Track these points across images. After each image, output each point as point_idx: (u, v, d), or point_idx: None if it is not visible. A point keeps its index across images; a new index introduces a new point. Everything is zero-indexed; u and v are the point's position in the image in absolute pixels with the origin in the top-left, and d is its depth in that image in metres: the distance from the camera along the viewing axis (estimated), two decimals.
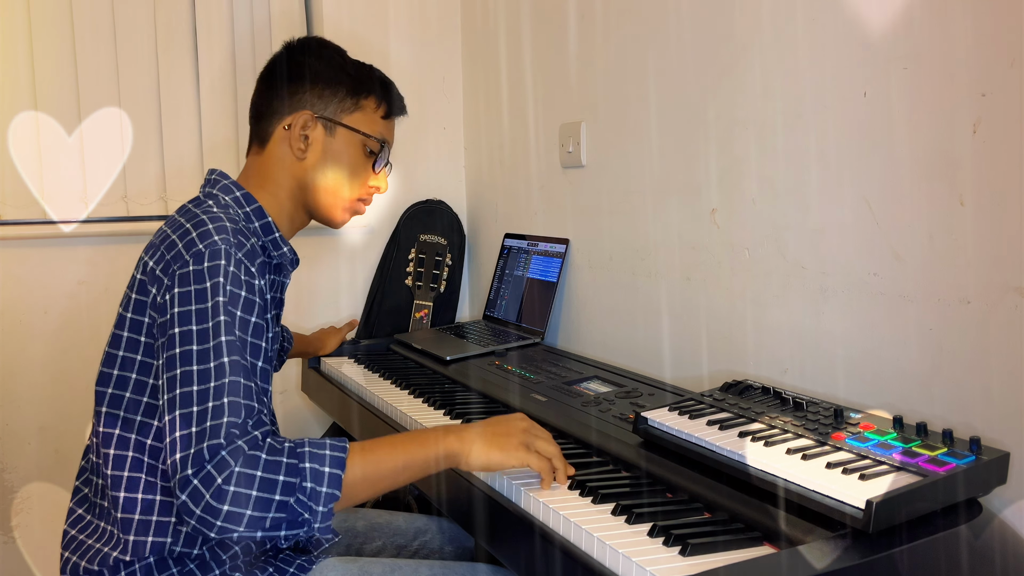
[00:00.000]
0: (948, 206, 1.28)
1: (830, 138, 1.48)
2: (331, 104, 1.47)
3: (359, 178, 1.52)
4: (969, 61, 1.24)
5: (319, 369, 2.28)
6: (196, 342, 1.18)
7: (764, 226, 1.63)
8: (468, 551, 1.72)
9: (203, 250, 1.23)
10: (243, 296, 1.23)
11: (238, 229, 1.30)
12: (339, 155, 1.49)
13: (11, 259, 2.30)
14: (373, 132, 1.51)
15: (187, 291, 1.21)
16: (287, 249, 1.46)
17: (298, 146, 1.45)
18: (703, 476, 1.24)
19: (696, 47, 1.77)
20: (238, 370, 1.18)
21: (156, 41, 2.45)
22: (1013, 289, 1.19)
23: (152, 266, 1.27)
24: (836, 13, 1.44)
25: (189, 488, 1.09)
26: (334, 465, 1.17)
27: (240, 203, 1.41)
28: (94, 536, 1.31)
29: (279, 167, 1.46)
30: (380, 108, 1.53)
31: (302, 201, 1.50)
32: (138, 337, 1.29)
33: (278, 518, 1.12)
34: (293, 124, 1.45)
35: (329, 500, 1.15)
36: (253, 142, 1.50)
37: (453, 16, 2.80)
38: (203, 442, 1.12)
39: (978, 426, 1.25)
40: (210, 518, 1.09)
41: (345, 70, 1.50)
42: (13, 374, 2.32)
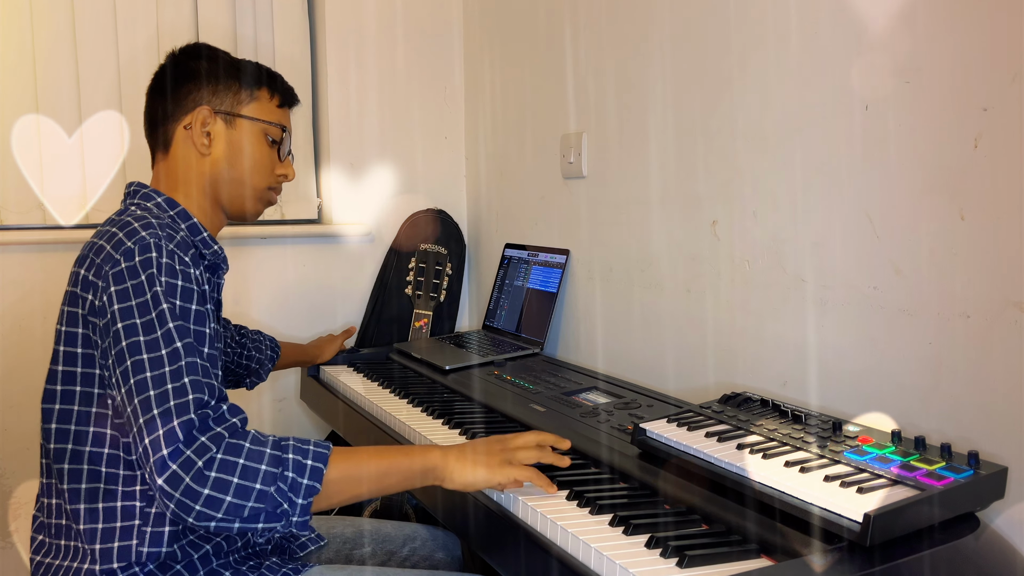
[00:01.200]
0: (949, 220, 1.28)
1: (831, 151, 1.48)
2: (227, 98, 1.48)
3: (266, 167, 1.53)
4: (971, 75, 1.24)
5: (318, 378, 2.28)
6: (143, 333, 1.18)
7: (765, 238, 1.63)
8: (458, 559, 1.72)
9: (132, 246, 1.24)
10: (180, 285, 1.24)
11: (165, 223, 1.31)
12: (243, 145, 1.50)
13: (11, 264, 2.31)
14: (272, 119, 1.53)
15: (123, 288, 1.21)
16: (218, 247, 1.47)
17: (201, 142, 1.46)
18: (701, 488, 1.24)
19: (698, 59, 1.78)
20: (192, 352, 1.20)
21: (159, 45, 2.46)
22: (1013, 304, 1.19)
23: (84, 274, 1.28)
24: (838, 26, 1.45)
25: (167, 472, 1.10)
26: (316, 459, 1.18)
27: (163, 207, 1.42)
28: (58, 557, 1.31)
29: (186, 167, 1.47)
30: (275, 98, 1.55)
31: (214, 197, 1.50)
32: (75, 350, 1.28)
33: (257, 508, 1.13)
34: (193, 122, 1.46)
35: (309, 492, 1.16)
36: (156, 151, 1.50)
37: (455, 26, 2.81)
38: (171, 421, 1.12)
39: (976, 441, 1.24)
40: (189, 502, 1.10)
41: (235, 65, 1.51)
42: (12, 378, 2.32)
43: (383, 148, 2.71)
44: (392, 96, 2.73)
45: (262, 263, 2.55)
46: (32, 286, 2.33)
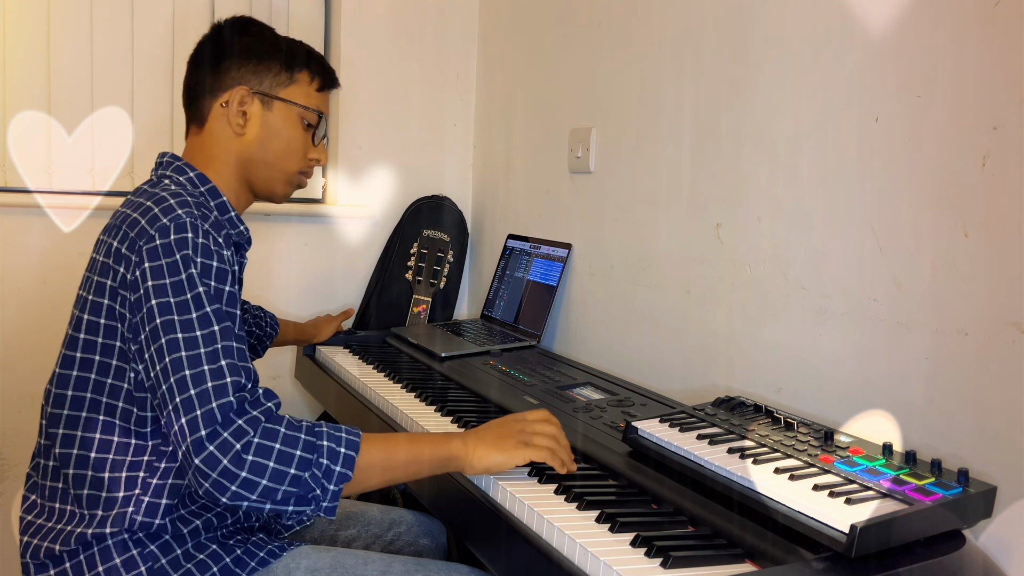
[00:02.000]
0: (952, 237, 1.28)
1: (839, 161, 1.48)
2: (266, 78, 1.48)
3: (299, 151, 1.53)
4: (982, 94, 1.24)
5: (314, 357, 2.28)
6: (177, 312, 1.19)
7: (767, 244, 1.63)
8: (442, 546, 1.72)
9: (168, 224, 1.24)
10: (215, 266, 1.24)
11: (199, 203, 1.31)
12: (278, 128, 1.49)
13: (14, 226, 2.30)
14: (310, 104, 1.52)
15: (158, 265, 1.21)
16: (243, 228, 1.47)
17: (237, 122, 1.46)
18: (689, 489, 1.25)
19: (712, 61, 1.77)
20: (229, 335, 1.21)
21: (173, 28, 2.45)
22: (1011, 324, 1.19)
23: (116, 246, 1.27)
24: (853, 37, 1.44)
25: (204, 453, 1.11)
26: (349, 447, 1.20)
27: (195, 183, 1.42)
28: (51, 519, 1.31)
29: (219, 145, 1.46)
30: (314, 81, 1.54)
31: (244, 177, 1.50)
32: (98, 319, 1.29)
33: (290, 492, 1.15)
34: (230, 100, 1.45)
35: (341, 480, 1.19)
36: (191, 123, 1.50)
37: (471, 14, 2.80)
38: (210, 403, 1.14)
39: (967, 458, 1.25)
40: (226, 482, 1.12)
41: (277, 45, 1.51)
42: (8, 341, 2.32)
43: (391, 132, 2.70)
44: (403, 81, 2.72)
45: (264, 240, 2.54)
46: (34, 249, 2.33)
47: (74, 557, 1.27)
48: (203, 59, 1.49)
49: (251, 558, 1.34)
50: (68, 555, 1.27)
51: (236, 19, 1.53)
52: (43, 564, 1.29)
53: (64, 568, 1.27)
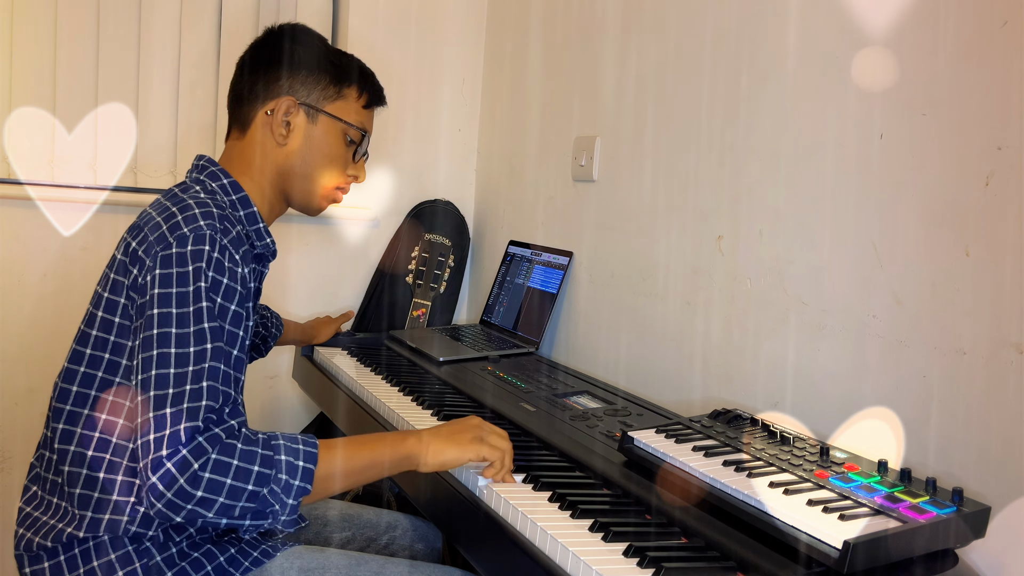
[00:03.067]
0: (953, 256, 1.28)
1: (842, 177, 1.48)
2: (314, 91, 1.48)
3: (339, 166, 1.53)
4: (987, 113, 1.24)
5: (312, 358, 2.28)
6: (176, 325, 1.18)
7: (768, 258, 1.63)
8: (437, 551, 1.72)
9: (187, 233, 1.23)
10: (224, 283, 1.24)
11: (225, 215, 1.30)
12: (320, 143, 1.49)
13: (15, 219, 2.31)
14: (354, 121, 1.52)
15: (168, 273, 1.21)
16: (270, 240, 1.46)
17: (280, 131, 1.46)
18: (684, 501, 1.24)
19: (718, 74, 1.78)
20: (218, 356, 1.19)
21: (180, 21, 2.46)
22: (1011, 344, 1.19)
23: (135, 247, 1.27)
24: (858, 53, 1.45)
25: (161, 470, 1.09)
26: (307, 460, 1.18)
27: (227, 191, 1.42)
28: (48, 512, 1.31)
29: (259, 153, 1.46)
30: (362, 97, 1.54)
31: (281, 188, 1.50)
32: (112, 318, 1.29)
33: (247, 507, 1.13)
34: (276, 109, 1.45)
35: (300, 493, 1.17)
36: (233, 127, 1.50)
37: (479, 20, 2.81)
38: (179, 424, 1.12)
39: (962, 478, 1.24)
40: (180, 502, 1.10)
41: (328, 58, 1.50)
42: (6, 333, 2.32)
43: (395, 135, 2.70)
44: (409, 85, 2.72)
45: None
46: (33, 242, 2.33)
47: (68, 551, 1.26)
48: (253, 64, 1.49)
49: (245, 557, 1.33)
50: (63, 548, 1.27)
51: (290, 26, 1.52)
52: (36, 556, 1.29)
53: (58, 561, 1.27)
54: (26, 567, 1.30)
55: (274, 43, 1.49)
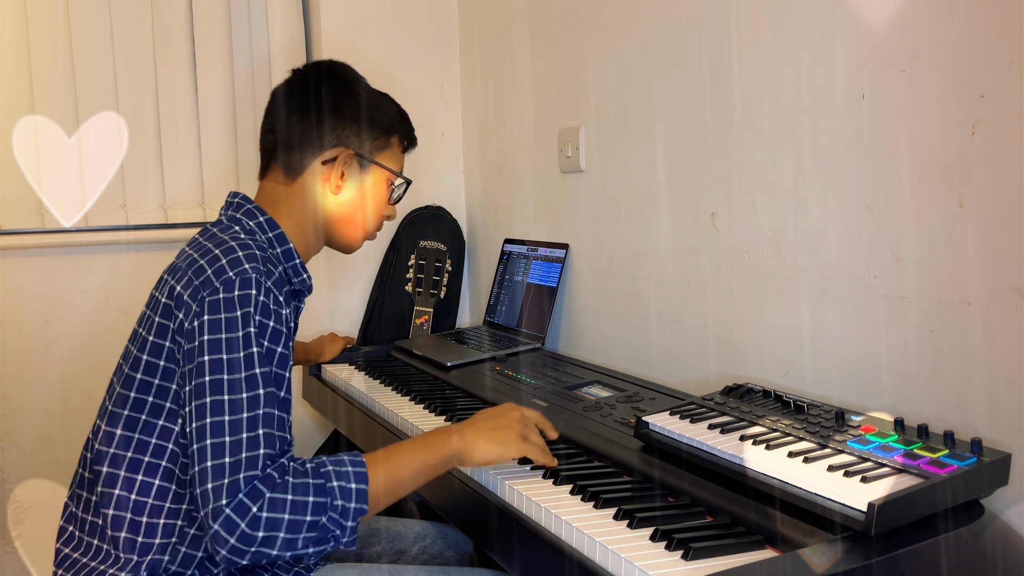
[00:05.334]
0: (947, 208, 1.28)
1: (829, 141, 1.48)
2: (367, 142, 1.50)
3: (380, 211, 1.57)
4: (967, 62, 1.24)
5: (320, 376, 2.28)
6: (227, 371, 1.18)
7: (764, 229, 1.63)
8: (468, 556, 1.72)
9: (233, 278, 1.23)
10: (271, 327, 1.24)
11: (266, 257, 1.30)
12: (370, 191, 1.53)
13: (11, 268, 2.31)
14: (398, 168, 1.57)
15: (217, 319, 1.20)
16: (306, 276, 1.47)
17: (336, 183, 1.47)
18: (705, 480, 1.24)
19: (694, 51, 1.77)
20: (272, 402, 1.19)
21: (154, 52, 2.46)
22: (1013, 290, 1.19)
23: (180, 291, 1.26)
24: (834, 16, 1.45)
25: (222, 517, 1.10)
26: (359, 480, 1.19)
27: (264, 228, 1.41)
28: (87, 554, 1.31)
29: (309, 199, 1.47)
30: (403, 143, 1.59)
31: (325, 231, 1.52)
32: (157, 361, 1.28)
33: (309, 537, 1.14)
34: (337, 161, 1.46)
35: (358, 515, 1.18)
36: (276, 167, 1.48)
37: (451, 23, 2.80)
38: (239, 472, 1.12)
39: (979, 427, 1.24)
40: (244, 546, 1.10)
41: (380, 107, 1.53)
42: (14, 383, 2.32)
43: None
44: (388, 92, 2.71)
45: None
46: (32, 290, 2.33)
47: None
48: (301, 107, 1.48)
49: None
50: None
51: (337, 70, 1.53)
52: None
53: None
54: None
55: (323, 86, 1.49)
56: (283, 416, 1.21)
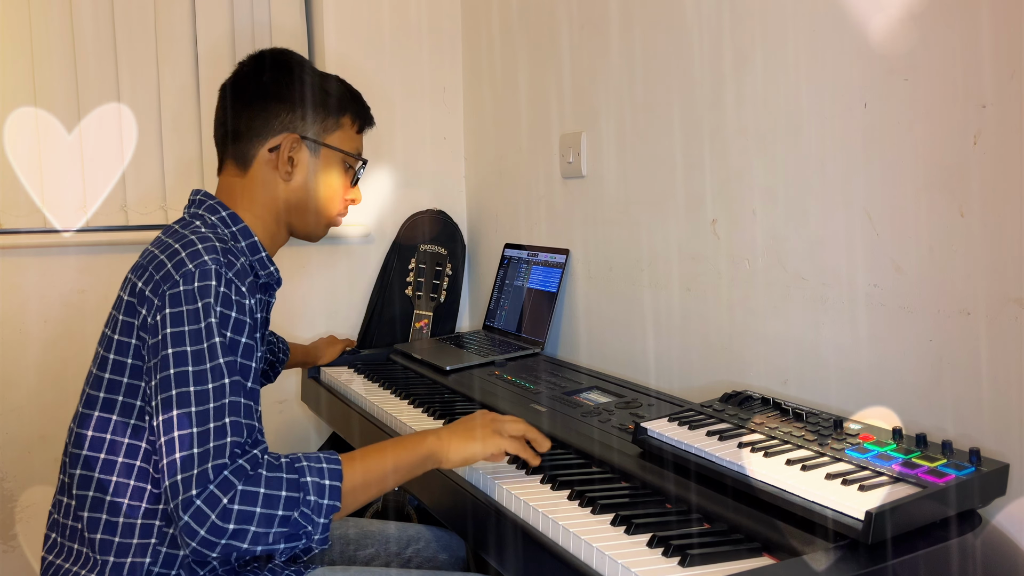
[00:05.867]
0: (948, 217, 1.28)
1: (830, 149, 1.48)
2: (314, 125, 1.48)
3: (339, 194, 1.54)
4: (969, 72, 1.24)
5: (319, 379, 2.28)
6: (192, 363, 1.18)
7: (764, 237, 1.63)
8: (461, 560, 1.72)
9: (193, 270, 1.23)
10: (233, 317, 1.23)
11: (227, 249, 1.30)
12: (323, 175, 1.50)
13: (10, 268, 2.31)
14: (353, 150, 1.53)
15: (179, 311, 1.20)
16: (273, 268, 1.46)
17: (285, 169, 1.45)
18: (702, 486, 1.24)
19: (697, 57, 1.78)
20: (238, 391, 1.19)
21: (157, 52, 2.46)
22: (1013, 300, 1.19)
23: (141, 287, 1.26)
24: (836, 25, 1.45)
25: (192, 508, 1.10)
26: (333, 477, 1.19)
27: (226, 223, 1.41)
28: (69, 560, 1.30)
29: (263, 189, 1.46)
30: (355, 124, 1.55)
31: (285, 221, 1.50)
32: (125, 359, 1.28)
33: (280, 532, 1.14)
34: (281, 147, 1.45)
35: (330, 511, 1.18)
36: (228, 161, 1.48)
37: (454, 27, 2.81)
38: (207, 462, 1.12)
39: (978, 437, 1.24)
40: (214, 538, 1.10)
41: (325, 89, 1.50)
42: (13, 383, 2.32)
43: (382, 149, 2.70)
44: (390, 96, 2.72)
45: None
46: (30, 290, 2.33)
47: None
48: (245, 97, 1.47)
49: None
50: None
51: (276, 53, 1.51)
52: None
53: None
54: None
55: (265, 74, 1.47)
56: (250, 404, 1.21)
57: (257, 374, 1.27)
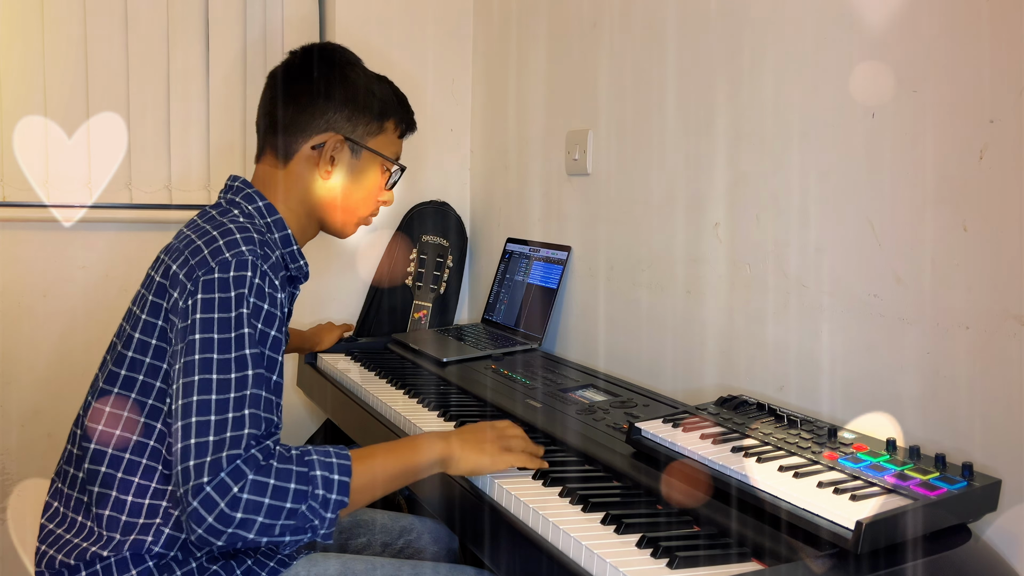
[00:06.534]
0: (951, 231, 1.28)
1: (836, 157, 1.48)
2: (359, 127, 1.48)
3: (374, 196, 1.55)
4: (978, 87, 1.24)
5: (315, 365, 2.28)
6: (217, 351, 1.18)
7: (766, 242, 1.63)
8: (453, 552, 1.72)
9: (230, 259, 1.23)
10: (265, 309, 1.24)
11: (264, 241, 1.30)
12: (361, 176, 1.51)
13: (13, 241, 2.31)
14: (392, 154, 1.55)
15: (211, 298, 1.20)
16: (303, 263, 1.47)
17: (326, 168, 1.46)
18: (694, 489, 1.24)
19: (707, 60, 1.77)
20: (261, 383, 1.19)
21: (168, 32, 2.46)
22: (1013, 317, 1.19)
23: (175, 270, 1.27)
24: (848, 33, 1.45)
25: (201, 495, 1.10)
26: (342, 473, 1.19)
27: (263, 213, 1.42)
28: (71, 531, 1.31)
29: (300, 183, 1.47)
30: (398, 129, 1.56)
31: (317, 216, 1.51)
32: (149, 340, 1.28)
33: (287, 525, 1.14)
34: (326, 146, 1.45)
35: (338, 507, 1.18)
36: (269, 151, 1.49)
37: (466, 19, 2.80)
38: (222, 451, 1.12)
39: (971, 452, 1.24)
40: (221, 526, 1.10)
41: (372, 91, 1.51)
42: (10, 356, 2.32)
43: None
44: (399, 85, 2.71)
45: None
46: (33, 263, 2.33)
47: (89, 567, 1.26)
48: (293, 91, 1.47)
49: (261, 568, 1.34)
50: (84, 565, 1.27)
51: (329, 50, 1.52)
52: (59, 572, 1.29)
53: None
54: None
55: (315, 70, 1.48)
56: (271, 398, 1.21)
57: (282, 369, 1.27)
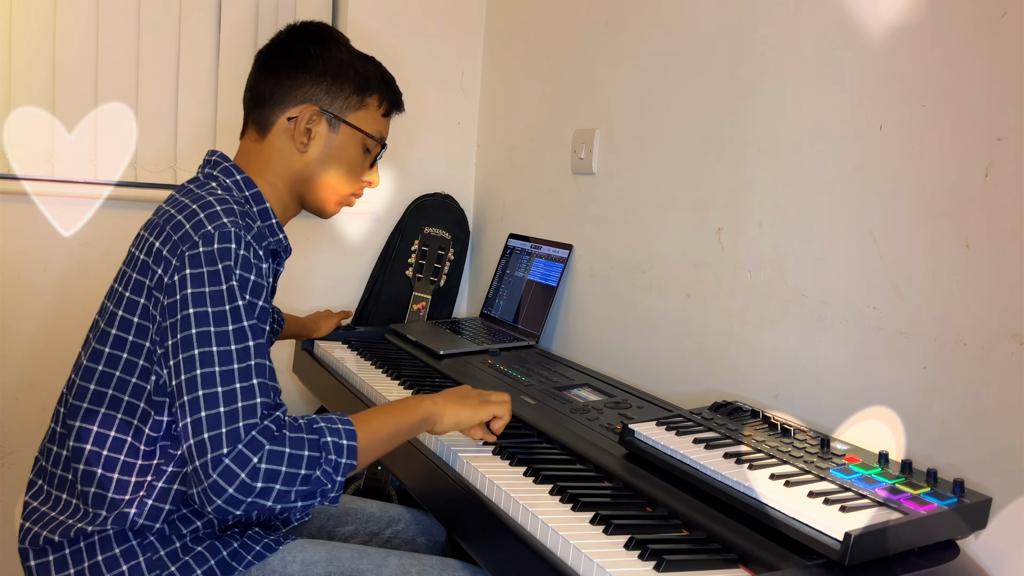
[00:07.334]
0: (954, 247, 1.28)
1: (842, 168, 1.47)
2: (337, 100, 1.47)
3: (356, 174, 1.54)
4: (986, 104, 1.24)
5: (312, 352, 2.28)
6: (214, 324, 1.18)
7: (768, 250, 1.63)
8: (439, 544, 1.72)
9: (212, 231, 1.23)
10: (252, 280, 1.24)
11: (244, 212, 1.31)
12: (340, 152, 1.50)
13: (16, 214, 2.30)
14: (374, 132, 1.53)
15: (199, 273, 1.21)
16: (282, 236, 1.47)
17: (301, 139, 1.45)
18: (685, 493, 1.25)
19: (718, 65, 1.77)
20: (262, 353, 1.21)
21: (180, 10, 2.45)
22: (1011, 335, 1.19)
23: (158, 247, 1.26)
24: (858, 46, 1.44)
25: (221, 467, 1.11)
26: (350, 437, 1.22)
27: (240, 187, 1.41)
28: (55, 508, 1.31)
29: (278, 157, 1.46)
30: (382, 106, 1.54)
31: (297, 192, 1.50)
32: (131, 318, 1.28)
33: (301, 491, 1.17)
34: (299, 117, 1.45)
35: (348, 470, 1.21)
36: (250, 126, 1.49)
37: (478, 13, 2.80)
38: (237, 422, 1.13)
39: (963, 468, 1.25)
40: (241, 496, 1.12)
41: (353, 66, 1.50)
42: (7, 329, 2.32)
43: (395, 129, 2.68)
44: (407, 77, 2.71)
45: None
46: (35, 238, 2.33)
47: (73, 544, 1.27)
48: (275, 64, 1.47)
49: (248, 551, 1.34)
50: (68, 542, 1.27)
51: (314, 26, 1.51)
52: (42, 550, 1.29)
53: (63, 555, 1.27)
54: (31, 560, 1.30)
55: (298, 44, 1.48)
56: (272, 367, 1.23)
57: (270, 338, 1.28)
